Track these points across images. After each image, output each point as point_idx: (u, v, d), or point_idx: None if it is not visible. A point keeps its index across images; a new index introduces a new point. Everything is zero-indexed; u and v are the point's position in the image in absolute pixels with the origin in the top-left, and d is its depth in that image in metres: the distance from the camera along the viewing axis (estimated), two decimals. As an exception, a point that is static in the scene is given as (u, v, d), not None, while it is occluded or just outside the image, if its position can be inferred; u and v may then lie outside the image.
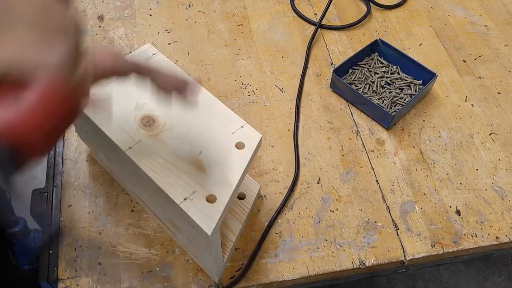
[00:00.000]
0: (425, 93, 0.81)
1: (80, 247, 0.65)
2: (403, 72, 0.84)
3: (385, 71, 0.84)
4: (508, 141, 0.78)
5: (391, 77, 0.83)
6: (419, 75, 0.82)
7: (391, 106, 0.79)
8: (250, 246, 0.66)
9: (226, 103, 0.78)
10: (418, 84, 0.82)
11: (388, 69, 0.84)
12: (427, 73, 0.80)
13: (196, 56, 0.87)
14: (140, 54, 0.66)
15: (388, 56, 0.85)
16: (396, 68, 0.84)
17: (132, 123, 0.58)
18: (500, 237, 0.68)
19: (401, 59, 0.84)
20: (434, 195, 0.72)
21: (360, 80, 0.82)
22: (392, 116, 0.75)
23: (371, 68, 0.84)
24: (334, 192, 0.71)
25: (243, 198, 0.67)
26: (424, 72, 0.81)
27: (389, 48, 0.84)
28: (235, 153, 0.57)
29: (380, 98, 0.80)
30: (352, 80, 0.83)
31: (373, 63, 0.85)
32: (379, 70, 0.84)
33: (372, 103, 0.77)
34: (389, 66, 0.85)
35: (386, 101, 0.80)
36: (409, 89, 0.82)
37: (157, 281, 0.63)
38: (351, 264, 0.65)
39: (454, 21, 0.95)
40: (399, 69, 0.84)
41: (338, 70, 0.81)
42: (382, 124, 0.78)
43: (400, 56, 0.83)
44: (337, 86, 0.81)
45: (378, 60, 0.85)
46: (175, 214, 0.56)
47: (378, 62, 0.85)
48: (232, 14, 0.94)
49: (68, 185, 0.71)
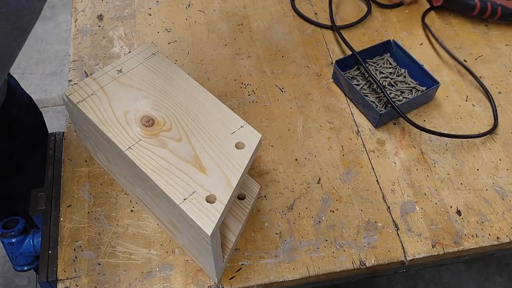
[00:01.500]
0: (424, 99, 0.81)
1: (79, 248, 0.65)
2: (410, 77, 0.84)
3: (391, 72, 0.84)
4: (508, 141, 0.78)
5: (396, 79, 0.83)
6: (424, 82, 0.82)
7: (386, 106, 0.79)
8: (250, 246, 0.65)
9: (226, 103, 0.78)
10: (421, 90, 0.81)
11: (395, 70, 0.84)
12: (432, 81, 0.80)
13: (196, 56, 0.87)
14: (139, 54, 0.66)
15: (398, 58, 0.85)
16: (403, 71, 0.84)
17: (131, 123, 0.58)
18: (501, 237, 0.68)
19: (410, 64, 0.83)
20: (434, 195, 0.71)
21: (364, 77, 0.82)
22: (380, 114, 0.75)
23: (378, 67, 0.84)
24: (334, 192, 0.71)
25: (243, 198, 0.67)
26: (429, 79, 0.80)
27: (400, 51, 0.84)
28: (235, 153, 0.56)
29: (377, 97, 0.80)
30: (355, 75, 0.83)
31: (382, 62, 0.85)
32: (385, 70, 0.84)
33: (364, 100, 0.77)
34: (397, 68, 0.84)
35: (383, 101, 0.80)
36: (410, 93, 0.81)
37: (156, 281, 0.62)
38: (352, 265, 0.65)
39: (455, 21, 0.95)
40: (406, 73, 0.84)
41: (341, 62, 0.81)
42: (372, 122, 0.79)
43: (409, 60, 0.83)
44: (337, 78, 0.82)
45: (388, 61, 0.85)
46: (175, 214, 0.55)
47: (387, 63, 0.85)
48: (232, 14, 0.94)
49: (67, 185, 0.71)
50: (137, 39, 0.89)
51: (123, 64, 0.64)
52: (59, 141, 0.75)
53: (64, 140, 0.75)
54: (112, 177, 0.71)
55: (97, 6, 0.94)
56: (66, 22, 2.07)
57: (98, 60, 0.85)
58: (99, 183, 0.71)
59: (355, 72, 0.84)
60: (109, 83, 0.62)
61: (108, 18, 0.92)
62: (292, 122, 0.79)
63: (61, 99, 0.81)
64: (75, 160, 0.73)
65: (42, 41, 2.01)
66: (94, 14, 0.93)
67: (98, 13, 0.93)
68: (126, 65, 0.64)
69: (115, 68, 0.64)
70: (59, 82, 1.89)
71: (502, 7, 0.90)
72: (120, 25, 0.91)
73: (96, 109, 0.59)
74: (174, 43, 0.89)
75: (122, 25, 0.91)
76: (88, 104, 0.60)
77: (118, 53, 0.86)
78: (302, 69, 0.86)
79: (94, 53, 0.86)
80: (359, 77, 0.83)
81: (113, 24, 0.91)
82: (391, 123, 0.79)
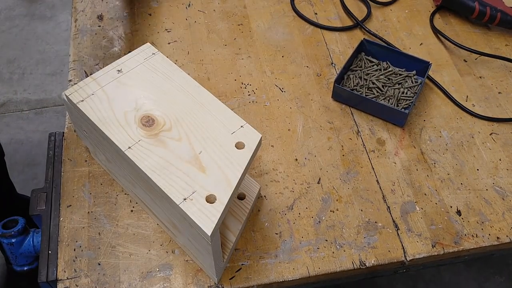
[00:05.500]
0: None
1: (79, 248, 0.65)
2: (395, 67, 0.84)
3: (377, 69, 0.84)
4: (508, 141, 0.78)
5: (386, 73, 0.83)
6: (410, 66, 0.82)
7: (397, 104, 0.79)
8: (250, 246, 0.65)
9: (226, 103, 0.78)
10: (412, 76, 0.82)
11: (379, 66, 0.84)
12: (418, 63, 0.81)
13: (196, 56, 0.87)
14: (139, 54, 0.66)
15: (376, 54, 0.85)
16: (386, 64, 0.84)
17: (131, 123, 0.58)
18: (501, 237, 0.68)
19: (389, 54, 0.84)
20: (434, 195, 0.71)
21: (360, 85, 0.82)
22: (406, 115, 0.75)
23: (363, 69, 0.84)
24: (334, 192, 0.71)
25: (243, 198, 0.67)
26: (415, 62, 0.81)
27: (375, 46, 0.84)
28: (235, 153, 0.56)
29: (385, 98, 0.80)
30: (353, 86, 0.82)
31: (363, 63, 0.85)
32: (371, 70, 0.83)
33: (383, 105, 0.77)
34: (380, 64, 0.84)
35: (392, 100, 0.79)
36: (406, 82, 0.82)
37: (156, 281, 0.62)
38: (352, 265, 0.65)
39: (454, 21, 0.95)
40: (389, 63, 0.84)
41: (338, 80, 0.80)
42: (396, 124, 0.78)
43: (387, 51, 0.84)
44: (340, 95, 0.81)
45: (366, 60, 0.85)
46: (175, 214, 0.55)
47: (367, 62, 0.85)
48: (232, 14, 0.94)
49: (67, 185, 0.71)
50: (137, 39, 0.89)
51: (123, 64, 0.64)
52: (59, 141, 0.75)
53: (64, 140, 0.75)
54: (112, 177, 0.71)
55: (97, 6, 0.94)
56: (66, 22, 2.07)
57: (98, 60, 0.85)
58: (99, 183, 0.71)
59: (349, 84, 0.82)
60: (109, 83, 0.62)
61: (108, 18, 0.92)
62: (292, 122, 0.79)
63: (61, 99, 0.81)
64: (75, 160, 0.73)
65: (42, 41, 2.01)
66: (94, 14, 0.92)
67: (98, 13, 0.93)
68: (126, 65, 0.64)
69: (115, 68, 0.64)
70: (59, 82, 1.89)
71: (502, 13, 0.89)
72: (120, 25, 0.91)
73: (96, 109, 0.59)
74: (174, 43, 0.89)
75: (122, 25, 0.91)
76: (88, 104, 0.59)
77: (118, 53, 0.86)
78: (302, 69, 0.86)
79: (94, 53, 0.86)
80: (358, 87, 0.82)
81: (113, 24, 0.91)
82: (391, 123, 0.79)
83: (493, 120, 0.79)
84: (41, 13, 2.10)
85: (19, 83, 1.87)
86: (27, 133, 1.73)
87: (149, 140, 0.57)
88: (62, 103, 1.71)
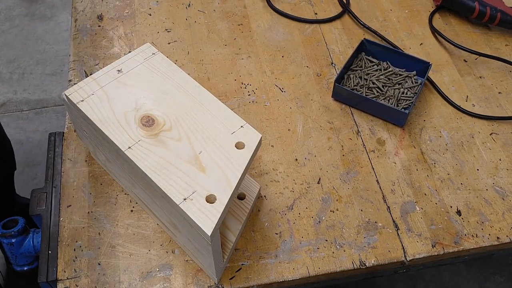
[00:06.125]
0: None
1: (79, 248, 0.65)
2: (395, 67, 0.84)
3: (377, 70, 0.84)
4: (509, 141, 0.78)
5: (386, 73, 0.83)
6: (411, 66, 0.82)
7: (397, 104, 0.79)
8: (250, 246, 0.65)
9: (226, 103, 0.78)
10: (413, 76, 0.82)
11: (379, 66, 0.84)
12: (418, 63, 0.81)
13: (196, 56, 0.87)
14: (139, 54, 0.66)
15: (376, 54, 0.85)
16: (386, 64, 0.84)
17: (131, 123, 0.58)
18: (501, 237, 0.68)
19: (389, 54, 0.84)
20: (434, 195, 0.71)
21: (360, 85, 0.82)
22: (406, 115, 0.75)
23: (363, 69, 0.84)
24: (334, 192, 0.71)
25: (243, 198, 0.67)
26: (415, 62, 0.81)
27: (375, 46, 0.84)
28: (235, 153, 0.56)
29: (385, 98, 0.80)
30: (353, 86, 0.82)
31: (363, 63, 0.85)
32: (371, 69, 0.83)
33: (383, 105, 0.77)
34: (380, 64, 0.84)
35: (392, 100, 0.79)
36: (406, 82, 0.82)
37: (156, 281, 0.62)
38: (352, 265, 0.65)
39: (455, 21, 0.95)
40: (389, 64, 0.84)
41: (338, 79, 0.80)
42: (396, 124, 0.78)
43: (387, 51, 0.84)
44: (340, 95, 0.81)
45: (367, 60, 0.85)
46: (175, 214, 0.55)
47: (368, 62, 0.85)
48: (232, 14, 0.94)
49: (67, 185, 0.71)
50: (137, 39, 0.89)
51: (123, 64, 0.64)
52: (59, 141, 0.75)
53: (64, 140, 0.75)
54: (112, 177, 0.71)
55: (97, 6, 0.94)
56: (66, 22, 2.07)
57: (98, 60, 0.85)
58: (99, 183, 0.71)
59: (349, 83, 0.83)
60: (109, 83, 0.62)
61: (108, 18, 0.92)
62: (292, 122, 0.79)
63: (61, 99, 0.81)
64: (75, 160, 0.73)
65: (42, 41, 2.01)
66: (94, 14, 0.92)
67: (98, 13, 0.93)
68: (126, 65, 0.64)
69: (115, 68, 0.64)
70: (59, 82, 1.89)
71: (502, 13, 0.89)
72: (120, 25, 0.91)
73: (96, 109, 0.59)
74: (174, 43, 0.89)
75: (122, 25, 0.91)
76: (88, 104, 0.59)
77: (118, 53, 0.86)
78: (302, 69, 0.86)
79: (94, 53, 0.86)
80: (358, 86, 0.82)
81: (113, 24, 0.91)
82: (391, 123, 0.79)
83: (493, 119, 0.80)
84: (41, 13, 2.10)
85: (19, 83, 1.87)
86: (27, 133, 1.73)
87: (149, 140, 0.57)
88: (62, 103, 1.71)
